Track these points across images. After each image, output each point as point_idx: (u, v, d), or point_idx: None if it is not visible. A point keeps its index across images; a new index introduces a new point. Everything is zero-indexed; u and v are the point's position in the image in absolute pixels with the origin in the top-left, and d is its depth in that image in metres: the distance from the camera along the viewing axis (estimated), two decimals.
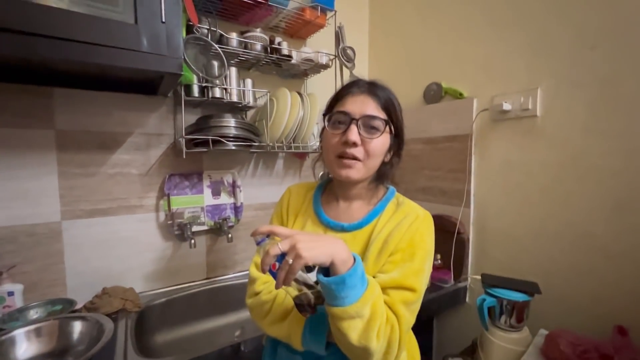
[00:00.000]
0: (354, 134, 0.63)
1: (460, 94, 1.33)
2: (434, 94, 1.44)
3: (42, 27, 0.70)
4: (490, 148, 1.24)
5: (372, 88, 0.67)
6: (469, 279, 1.31)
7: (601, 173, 0.96)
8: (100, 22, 0.76)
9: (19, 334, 0.78)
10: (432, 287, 1.26)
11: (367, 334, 0.53)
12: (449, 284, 1.28)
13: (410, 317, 0.60)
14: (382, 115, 0.65)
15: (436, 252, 1.31)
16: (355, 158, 0.64)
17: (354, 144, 0.63)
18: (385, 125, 0.64)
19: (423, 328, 1.44)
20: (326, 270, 0.54)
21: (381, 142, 0.65)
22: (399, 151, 0.72)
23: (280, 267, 0.50)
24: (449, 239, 1.31)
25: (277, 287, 0.51)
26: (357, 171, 0.66)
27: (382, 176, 0.72)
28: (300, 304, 0.56)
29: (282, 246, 0.50)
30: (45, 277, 1.05)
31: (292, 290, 0.66)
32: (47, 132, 1.03)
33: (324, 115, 0.70)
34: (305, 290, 0.55)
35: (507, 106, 1.15)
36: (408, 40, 1.58)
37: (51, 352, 0.80)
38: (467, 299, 1.32)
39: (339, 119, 0.66)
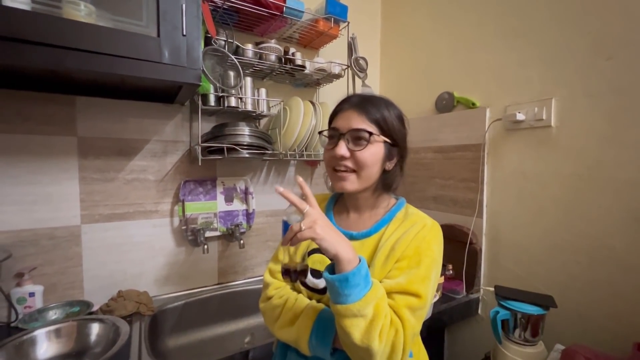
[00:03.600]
0: (340, 149, 0.67)
1: (473, 104, 1.33)
2: (446, 103, 1.44)
3: (72, 40, 0.74)
4: (503, 158, 1.23)
5: (362, 103, 0.69)
6: (482, 290, 1.29)
7: (618, 184, 0.94)
8: (125, 35, 0.79)
9: (40, 334, 0.80)
10: (444, 297, 1.25)
11: (369, 334, 0.55)
12: (461, 295, 1.26)
13: (415, 323, 0.61)
14: (369, 127, 0.67)
15: (448, 262, 1.33)
16: (347, 170, 0.68)
17: (342, 157, 0.67)
18: (370, 136, 0.66)
19: (434, 339, 1.42)
20: (332, 270, 0.57)
21: (370, 153, 0.67)
22: (402, 160, 0.74)
23: (291, 227, 0.54)
24: (460, 249, 1.30)
25: (283, 243, 0.56)
26: (351, 183, 0.68)
27: (387, 184, 0.73)
28: (287, 271, 0.62)
29: (308, 210, 0.55)
30: (63, 279, 1.08)
31: (304, 292, 0.72)
32: (69, 139, 1.07)
33: (320, 133, 0.75)
34: (296, 265, 0.62)
35: (520, 116, 1.15)
36: (420, 49, 1.59)
37: (69, 353, 0.82)
38: (479, 311, 1.30)
39: (330, 134, 0.71)
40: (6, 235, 1.00)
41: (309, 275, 0.73)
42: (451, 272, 1.31)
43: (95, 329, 0.86)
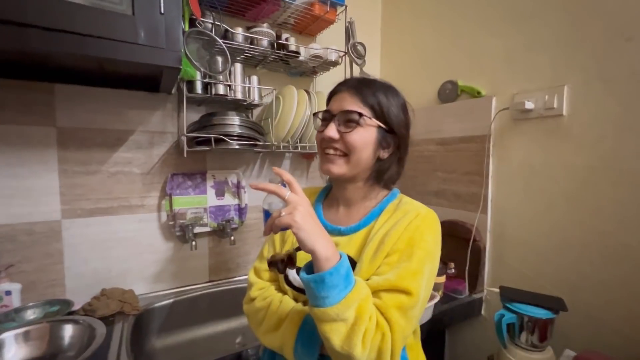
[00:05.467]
0: (330, 130, 0.63)
1: (478, 92, 1.25)
2: (449, 92, 1.36)
3: (37, 18, 0.67)
4: (510, 150, 1.16)
5: (358, 85, 0.66)
6: (485, 290, 1.22)
7: (635, 176, 0.87)
8: (96, 13, 0.72)
9: (8, 337, 0.75)
10: (445, 297, 1.18)
11: (350, 339, 0.49)
12: (463, 295, 1.20)
13: (406, 325, 0.54)
14: (361, 109, 0.63)
15: (451, 260, 1.26)
16: (336, 152, 0.64)
17: (330, 139, 0.64)
18: (360, 117, 0.62)
19: (434, 341, 1.35)
20: (311, 270, 0.52)
21: (359, 135, 0.63)
22: (400, 149, 0.68)
23: (272, 215, 0.51)
24: (463, 246, 1.23)
25: (264, 233, 0.53)
26: (339, 166, 0.65)
27: (379, 175, 0.68)
28: (273, 262, 0.58)
29: (289, 196, 0.51)
30: (43, 277, 1.03)
31: (289, 293, 0.67)
32: (48, 130, 1.01)
33: (314, 114, 0.71)
34: (282, 256, 0.57)
35: (529, 105, 1.07)
36: (422, 36, 1.50)
37: (41, 357, 0.77)
38: (482, 312, 1.24)
39: (322, 117, 0.68)
40: None
41: (294, 274, 0.67)
42: (453, 270, 1.24)
43: (69, 331, 0.80)
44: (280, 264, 0.57)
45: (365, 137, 0.63)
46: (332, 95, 0.69)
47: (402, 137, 0.67)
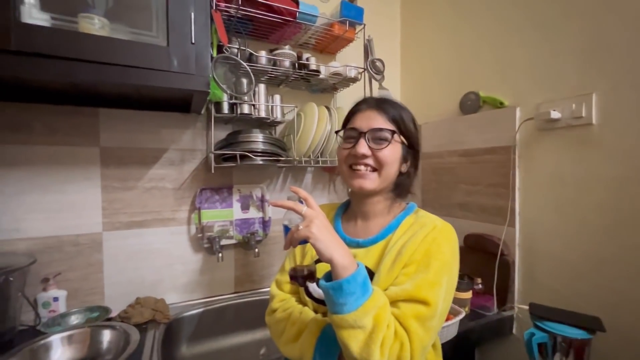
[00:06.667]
0: (362, 147, 0.65)
1: (501, 103, 1.23)
2: (471, 103, 1.34)
3: (85, 53, 0.76)
4: (537, 161, 1.12)
5: (379, 104, 0.69)
6: (516, 308, 1.17)
7: None
8: (135, 46, 0.81)
9: (55, 339, 0.82)
10: (472, 314, 1.14)
11: (368, 347, 0.50)
12: (492, 312, 1.15)
13: (424, 335, 0.54)
14: (390, 126, 0.67)
15: (477, 275, 1.22)
16: (367, 168, 0.66)
17: (363, 156, 0.65)
18: (392, 135, 0.66)
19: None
20: (331, 279, 0.54)
21: (390, 151, 0.66)
22: (416, 162, 0.72)
23: (292, 229, 0.53)
24: (491, 261, 1.19)
25: (284, 247, 0.56)
26: (372, 181, 0.67)
27: (399, 187, 0.71)
28: (294, 276, 0.60)
29: (306, 211, 0.54)
30: (85, 285, 1.12)
31: (309, 305, 0.70)
32: (92, 149, 1.12)
33: (336, 132, 0.74)
34: (304, 267, 0.60)
35: (555, 114, 1.04)
36: (442, 48, 1.51)
37: (82, 359, 0.83)
38: (513, 330, 1.18)
39: (349, 134, 0.70)
40: (34, 241, 1.05)
41: (314, 286, 0.69)
42: (480, 286, 1.20)
43: (107, 336, 0.87)
44: (301, 279, 0.60)
45: (395, 152, 0.67)
46: (353, 113, 0.72)
47: (417, 152, 0.71)
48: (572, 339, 0.83)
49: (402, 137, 0.68)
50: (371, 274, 0.63)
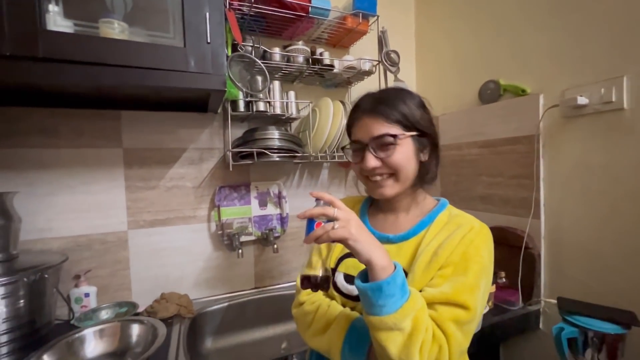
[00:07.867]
0: (370, 161, 0.63)
1: (523, 91, 1.18)
2: (491, 92, 1.30)
3: (106, 57, 0.79)
4: (563, 149, 1.07)
5: (373, 107, 0.65)
6: (542, 302, 1.13)
7: None
8: (153, 48, 0.83)
9: (89, 333, 0.86)
10: (496, 309, 1.11)
11: (408, 349, 0.49)
12: (517, 307, 1.12)
13: (462, 339, 0.54)
14: (391, 129, 0.63)
15: (501, 269, 1.19)
16: (382, 175, 0.65)
17: (374, 169, 0.64)
18: (396, 139, 0.62)
19: (487, 356, 1.27)
20: (365, 278, 0.53)
21: (400, 154, 0.63)
22: (434, 146, 0.69)
23: (323, 225, 0.51)
24: (515, 254, 1.15)
25: (306, 240, 0.52)
26: (391, 187, 0.65)
27: (424, 176, 0.68)
28: (306, 278, 0.58)
29: (337, 213, 0.51)
30: (114, 282, 1.16)
31: (337, 299, 0.68)
32: (116, 151, 1.16)
33: (342, 148, 0.73)
34: (317, 276, 0.57)
35: (582, 100, 0.99)
36: (458, 37, 1.47)
37: (114, 352, 0.87)
38: (540, 325, 1.14)
39: (353, 148, 0.68)
40: (66, 240, 1.10)
41: (343, 281, 0.69)
42: (504, 280, 1.17)
43: (136, 329, 0.90)
44: (314, 288, 0.58)
45: (406, 152, 0.64)
46: (352, 122, 0.69)
47: (433, 134, 0.68)
48: (604, 334, 0.80)
49: (409, 132, 0.64)
50: (404, 273, 0.62)
